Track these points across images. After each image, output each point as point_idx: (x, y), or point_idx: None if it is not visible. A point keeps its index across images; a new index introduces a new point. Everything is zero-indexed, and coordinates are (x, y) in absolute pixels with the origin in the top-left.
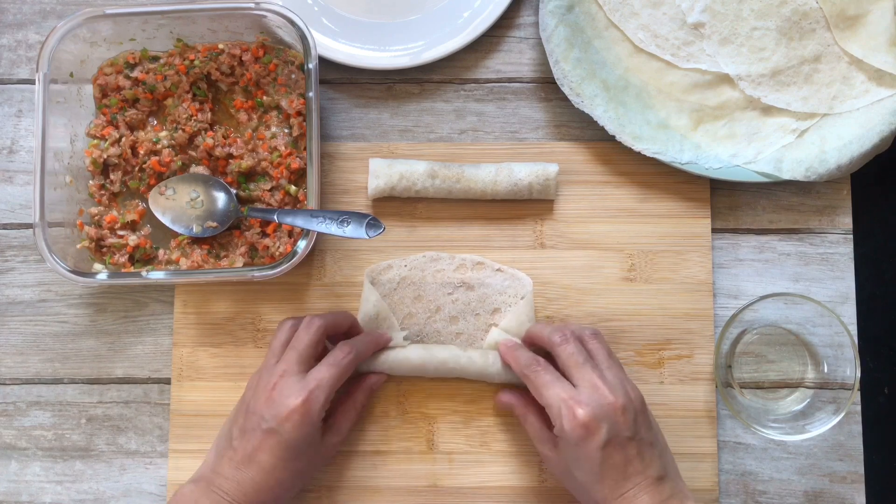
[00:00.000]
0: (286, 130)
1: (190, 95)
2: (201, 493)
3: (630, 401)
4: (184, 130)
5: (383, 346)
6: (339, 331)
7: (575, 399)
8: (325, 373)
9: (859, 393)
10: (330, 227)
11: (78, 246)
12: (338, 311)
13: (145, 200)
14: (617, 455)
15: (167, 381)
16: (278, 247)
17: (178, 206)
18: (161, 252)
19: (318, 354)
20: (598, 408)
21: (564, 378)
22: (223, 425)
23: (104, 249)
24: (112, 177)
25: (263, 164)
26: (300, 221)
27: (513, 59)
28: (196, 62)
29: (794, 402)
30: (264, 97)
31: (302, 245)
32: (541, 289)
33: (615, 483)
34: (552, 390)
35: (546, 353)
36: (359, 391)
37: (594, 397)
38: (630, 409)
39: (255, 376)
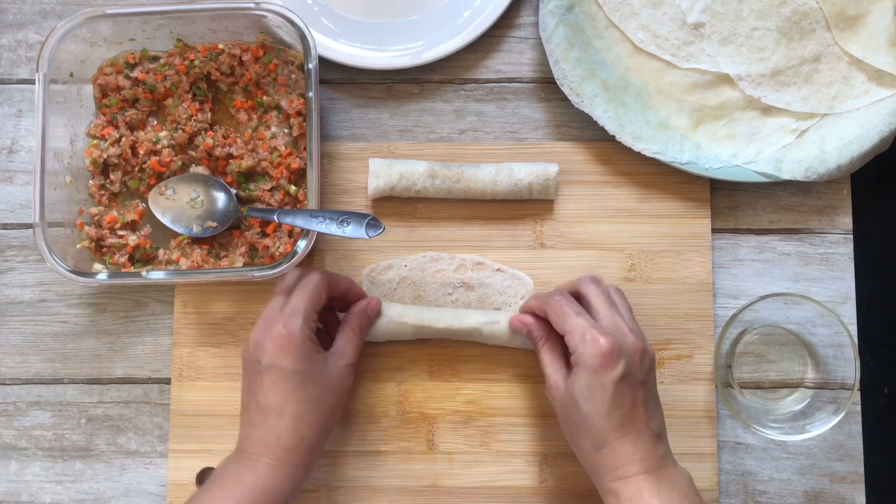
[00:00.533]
0: (286, 130)
1: (190, 95)
2: (227, 461)
3: (647, 348)
4: (184, 130)
5: (360, 293)
6: (337, 288)
7: (599, 329)
8: (296, 297)
9: (859, 393)
10: (330, 227)
11: (78, 246)
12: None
13: (145, 200)
14: (627, 394)
15: (167, 381)
16: (278, 247)
17: (178, 206)
18: (161, 252)
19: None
20: (622, 342)
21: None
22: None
23: (104, 249)
24: (112, 177)
25: (263, 164)
26: (300, 221)
27: (513, 59)
28: (196, 62)
29: (794, 402)
30: (264, 97)
31: (302, 245)
32: (541, 289)
33: (620, 422)
34: (576, 318)
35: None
36: (351, 315)
37: (617, 333)
38: (647, 355)
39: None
